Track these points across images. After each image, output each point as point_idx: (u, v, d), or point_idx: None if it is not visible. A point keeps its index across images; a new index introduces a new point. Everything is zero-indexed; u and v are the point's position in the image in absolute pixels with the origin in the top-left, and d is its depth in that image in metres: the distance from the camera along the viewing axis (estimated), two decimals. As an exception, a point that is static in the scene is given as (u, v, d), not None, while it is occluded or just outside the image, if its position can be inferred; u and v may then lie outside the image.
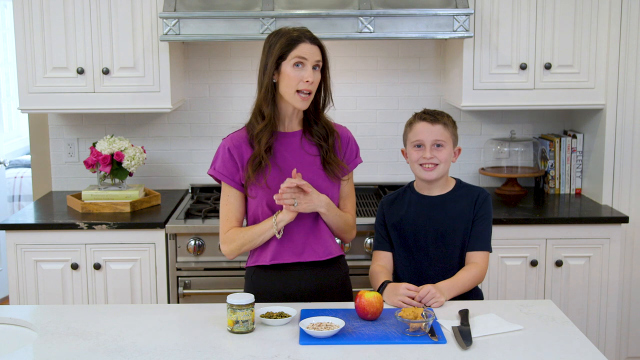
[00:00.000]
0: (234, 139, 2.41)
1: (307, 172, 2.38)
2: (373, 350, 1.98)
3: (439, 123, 2.48)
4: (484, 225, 2.50)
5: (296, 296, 2.41)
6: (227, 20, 3.26)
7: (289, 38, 2.30)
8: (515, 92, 3.49)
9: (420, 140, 2.48)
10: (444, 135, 2.48)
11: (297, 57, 2.29)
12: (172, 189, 3.90)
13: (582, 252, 3.34)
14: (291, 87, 2.31)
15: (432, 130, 2.47)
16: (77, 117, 3.86)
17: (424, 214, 2.51)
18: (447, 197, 2.53)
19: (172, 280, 3.27)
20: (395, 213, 2.56)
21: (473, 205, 2.50)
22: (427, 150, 2.46)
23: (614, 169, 3.50)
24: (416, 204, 2.54)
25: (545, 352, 1.98)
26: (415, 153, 2.50)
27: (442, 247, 2.49)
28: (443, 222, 2.49)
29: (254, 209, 2.42)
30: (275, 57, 2.30)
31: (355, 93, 3.87)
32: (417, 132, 2.49)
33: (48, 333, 2.11)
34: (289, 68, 2.30)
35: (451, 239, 2.48)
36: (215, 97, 3.87)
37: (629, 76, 3.44)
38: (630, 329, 3.55)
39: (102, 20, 3.42)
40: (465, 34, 3.30)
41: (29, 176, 5.62)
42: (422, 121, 2.49)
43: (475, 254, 2.48)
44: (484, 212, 2.51)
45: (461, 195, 2.53)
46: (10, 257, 3.28)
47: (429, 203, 2.53)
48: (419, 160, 2.48)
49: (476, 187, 2.58)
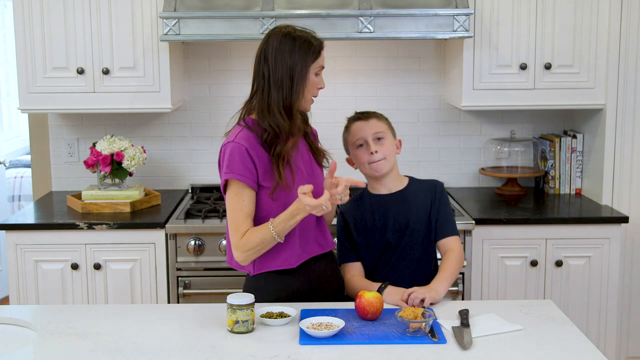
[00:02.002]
0: (246, 140, 2.32)
1: (309, 167, 2.43)
2: (373, 350, 1.98)
3: (372, 118, 2.56)
4: (447, 212, 2.57)
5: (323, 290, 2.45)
6: (227, 20, 3.26)
7: (315, 47, 2.33)
8: (515, 92, 3.49)
9: (361, 138, 2.52)
10: (380, 127, 2.54)
11: (320, 66, 2.36)
12: (172, 189, 3.90)
13: (582, 252, 3.34)
14: (311, 94, 2.37)
15: (369, 125, 2.53)
16: (77, 117, 3.86)
17: (386, 211, 2.54)
18: (405, 192, 2.57)
19: (172, 280, 3.27)
20: (358, 217, 2.57)
21: (432, 195, 2.55)
22: (370, 145, 2.50)
23: (614, 169, 3.50)
24: (377, 203, 2.56)
25: (545, 352, 1.98)
26: (360, 154, 2.53)
27: (409, 240, 2.51)
28: (406, 215, 2.52)
29: (275, 211, 2.32)
30: (309, 64, 2.32)
31: (355, 93, 3.87)
32: (355, 132, 2.54)
33: (48, 333, 2.11)
34: (312, 76, 2.34)
35: (416, 230, 2.52)
36: (215, 97, 3.87)
37: (629, 76, 3.44)
38: (630, 329, 3.55)
39: (102, 20, 3.42)
40: (465, 34, 3.30)
41: (29, 176, 5.62)
42: (357, 121, 2.56)
43: (448, 240, 2.52)
44: (445, 200, 2.58)
45: (417, 189, 2.58)
46: (10, 257, 3.28)
47: (389, 200, 2.55)
48: (367, 160, 2.51)
49: (429, 180, 2.65)
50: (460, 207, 3.45)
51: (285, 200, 2.31)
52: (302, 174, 2.39)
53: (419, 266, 2.53)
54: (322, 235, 2.48)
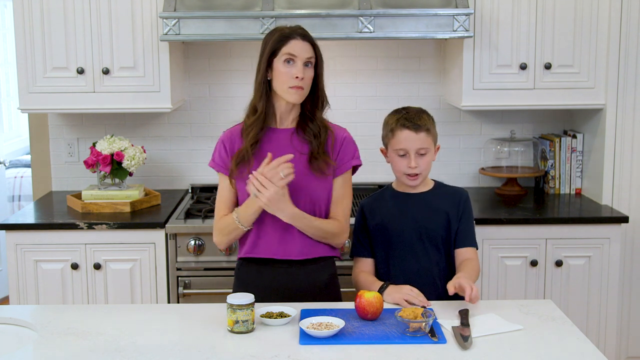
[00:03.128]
0: (229, 132, 2.48)
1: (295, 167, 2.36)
2: (373, 350, 1.98)
3: (422, 130, 2.44)
4: (470, 223, 2.53)
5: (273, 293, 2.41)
6: (227, 20, 3.26)
7: (280, 35, 2.34)
8: (515, 92, 3.49)
9: (404, 150, 2.45)
10: (427, 141, 2.45)
11: (287, 54, 2.32)
12: (172, 189, 3.90)
13: (582, 252, 3.34)
14: (283, 84, 2.34)
15: (416, 140, 2.44)
16: (77, 117, 3.86)
17: (406, 211, 2.52)
18: (429, 195, 2.54)
19: (172, 280, 3.27)
20: (378, 213, 2.55)
21: (457, 204, 2.52)
22: (412, 160, 2.44)
23: (614, 169, 3.50)
24: (399, 202, 2.54)
25: (545, 352, 1.98)
26: (399, 162, 2.48)
27: (427, 243, 2.49)
28: (426, 218, 2.50)
29: (240, 202, 2.44)
30: (268, 54, 2.34)
31: (355, 93, 3.87)
32: (400, 141, 2.46)
33: (48, 333, 2.11)
34: (280, 65, 2.33)
35: (434, 235, 2.49)
36: (215, 97, 3.87)
37: (629, 76, 3.44)
38: (630, 329, 3.55)
39: (102, 20, 3.42)
40: (465, 34, 3.30)
41: (29, 176, 5.62)
42: (405, 129, 2.45)
43: (467, 250, 2.50)
44: (468, 210, 2.54)
45: (443, 194, 2.55)
46: (10, 257, 3.28)
47: (411, 200, 2.53)
48: (405, 170, 2.47)
49: (456, 187, 2.61)
50: (460, 207, 3.46)
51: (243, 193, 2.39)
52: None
53: (436, 270, 2.49)
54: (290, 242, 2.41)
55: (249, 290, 2.25)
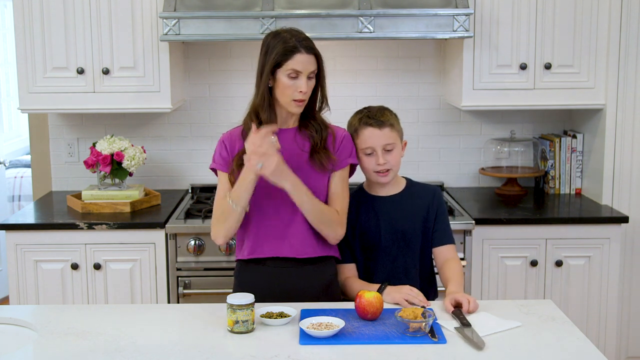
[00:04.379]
0: (230, 133, 2.47)
1: (294, 162, 2.37)
2: (373, 350, 1.98)
3: (385, 126, 2.43)
4: (445, 220, 2.54)
5: (275, 294, 2.39)
6: (227, 20, 3.26)
7: (285, 47, 2.31)
8: (515, 92, 3.49)
9: (371, 147, 2.44)
10: (391, 137, 2.44)
11: (292, 69, 2.31)
12: (172, 189, 3.90)
13: (582, 252, 3.34)
14: (286, 96, 2.34)
15: (381, 135, 2.42)
16: (77, 117, 3.86)
17: (381, 215, 2.50)
18: (402, 196, 2.53)
19: (172, 280, 3.27)
20: (353, 217, 2.51)
21: (430, 202, 2.51)
22: (379, 157, 2.43)
23: (614, 169, 3.50)
24: (372, 206, 2.52)
25: (545, 352, 1.98)
26: (367, 161, 2.46)
27: (403, 245, 2.49)
28: (402, 220, 2.49)
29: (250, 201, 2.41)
30: (271, 65, 2.32)
31: (355, 93, 3.87)
32: (365, 139, 2.44)
33: (48, 333, 2.11)
34: (284, 78, 2.32)
35: (411, 236, 2.49)
36: (215, 97, 3.87)
37: (629, 76, 3.44)
38: (630, 329, 3.55)
39: (102, 20, 3.43)
40: (465, 34, 3.30)
41: (29, 176, 5.62)
42: (369, 127, 2.43)
43: (445, 248, 2.51)
44: (442, 208, 2.54)
45: (415, 193, 2.54)
46: (10, 257, 3.28)
47: (385, 203, 2.52)
48: (374, 168, 2.45)
49: (428, 185, 2.61)
50: (460, 207, 3.45)
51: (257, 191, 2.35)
52: None
53: (414, 271, 2.50)
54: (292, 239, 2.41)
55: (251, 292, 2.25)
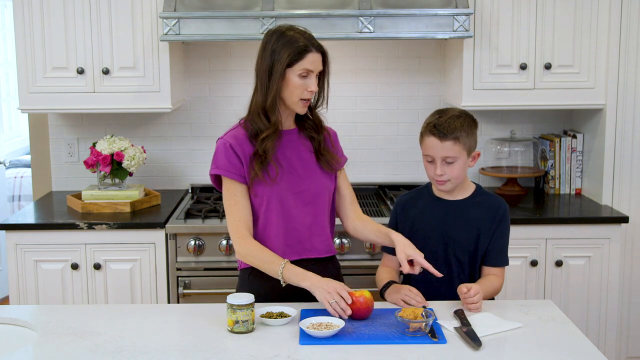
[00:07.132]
0: (233, 137, 2.38)
1: (307, 168, 2.39)
2: (373, 350, 1.98)
3: (448, 139, 2.33)
4: (503, 240, 2.43)
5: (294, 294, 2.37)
6: (227, 20, 3.26)
7: (297, 48, 2.28)
8: (515, 92, 3.49)
9: (430, 156, 2.39)
10: (453, 151, 2.34)
11: (304, 69, 2.29)
12: (172, 189, 3.90)
13: (582, 252, 3.34)
14: (295, 96, 2.32)
15: (441, 148, 2.34)
16: (77, 117, 3.86)
17: (438, 218, 2.44)
18: (466, 203, 2.45)
19: (172, 280, 3.27)
20: (409, 215, 2.49)
21: (493, 217, 2.41)
22: (437, 167, 2.37)
23: (614, 169, 3.50)
24: (432, 206, 2.47)
25: (545, 352, 1.98)
26: (428, 167, 2.42)
27: (452, 252, 2.42)
28: (457, 227, 2.42)
29: (264, 211, 2.36)
30: (284, 66, 2.29)
31: (355, 93, 3.87)
32: (427, 147, 2.38)
33: (48, 333, 2.11)
34: (295, 78, 2.30)
35: (463, 245, 2.41)
36: (215, 97, 3.87)
37: (629, 76, 3.44)
38: (630, 329, 3.55)
39: (102, 20, 3.42)
40: (465, 34, 3.30)
41: (29, 176, 5.62)
42: (432, 136, 2.35)
43: (496, 270, 2.43)
44: (504, 225, 2.43)
45: (480, 203, 2.44)
46: (10, 257, 3.28)
47: (446, 207, 2.45)
48: (432, 176, 2.41)
49: (496, 197, 2.49)
50: (460, 207, 3.45)
51: (269, 196, 2.34)
52: (295, 173, 2.37)
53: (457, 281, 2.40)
54: (315, 240, 2.41)
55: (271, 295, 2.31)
